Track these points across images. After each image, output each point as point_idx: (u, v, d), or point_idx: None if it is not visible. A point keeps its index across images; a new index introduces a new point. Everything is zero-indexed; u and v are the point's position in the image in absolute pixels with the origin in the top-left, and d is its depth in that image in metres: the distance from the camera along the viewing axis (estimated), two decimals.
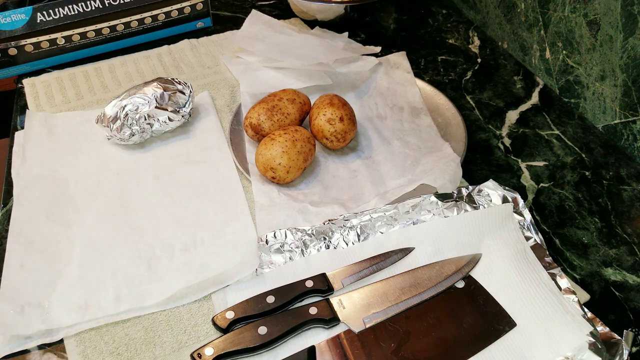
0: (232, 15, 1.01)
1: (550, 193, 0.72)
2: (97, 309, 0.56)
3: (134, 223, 0.64)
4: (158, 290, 0.57)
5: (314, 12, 0.94)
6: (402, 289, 0.57)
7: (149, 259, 0.60)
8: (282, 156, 0.66)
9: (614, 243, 0.66)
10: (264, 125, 0.71)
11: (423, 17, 1.04)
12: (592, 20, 0.76)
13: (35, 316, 0.54)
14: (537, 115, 0.83)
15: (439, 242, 0.61)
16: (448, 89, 0.88)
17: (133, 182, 0.69)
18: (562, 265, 0.63)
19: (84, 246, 0.61)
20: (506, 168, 0.75)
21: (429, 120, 0.79)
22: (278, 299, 0.55)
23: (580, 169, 0.75)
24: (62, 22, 0.83)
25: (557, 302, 0.55)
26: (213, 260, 0.60)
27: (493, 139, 0.79)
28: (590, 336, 0.52)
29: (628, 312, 0.59)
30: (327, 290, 0.57)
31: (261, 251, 0.60)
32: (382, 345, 0.53)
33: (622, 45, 0.72)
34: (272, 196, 0.67)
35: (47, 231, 0.62)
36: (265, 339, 0.51)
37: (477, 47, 0.97)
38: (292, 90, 0.75)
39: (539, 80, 0.89)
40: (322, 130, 0.71)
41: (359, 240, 0.62)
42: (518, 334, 0.54)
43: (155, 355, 0.53)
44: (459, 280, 0.58)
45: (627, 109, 0.74)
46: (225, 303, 0.56)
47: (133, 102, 0.70)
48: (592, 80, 0.79)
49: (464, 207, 0.63)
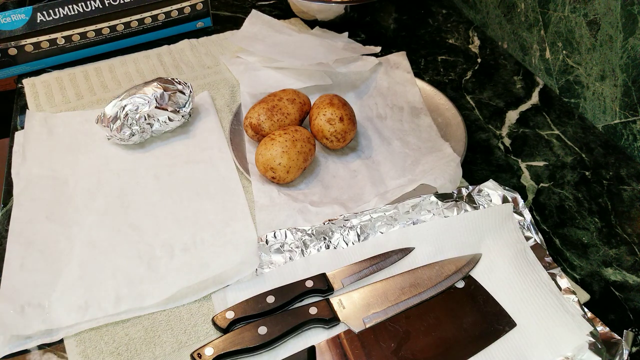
0: (232, 15, 1.01)
1: (550, 193, 0.72)
2: (97, 309, 0.56)
3: (134, 223, 0.64)
4: (158, 290, 0.57)
5: (314, 12, 0.94)
6: (402, 289, 0.57)
7: (149, 259, 0.60)
8: (282, 156, 0.66)
9: (614, 243, 0.66)
10: (264, 125, 0.71)
11: (423, 17, 1.04)
12: (592, 20, 0.76)
13: (35, 316, 0.54)
14: (537, 115, 0.83)
15: (439, 242, 0.61)
16: (448, 89, 0.88)
17: (133, 182, 0.69)
18: (562, 265, 0.63)
19: (84, 246, 0.61)
20: (506, 168, 0.75)
21: (429, 120, 0.79)
22: (278, 299, 0.55)
23: (580, 169, 0.75)
24: (62, 22, 0.83)
25: (557, 302, 0.55)
26: (213, 260, 0.60)
27: (493, 139, 0.79)
28: (590, 336, 0.52)
29: (628, 312, 0.59)
30: (327, 290, 0.57)
31: (261, 251, 0.60)
32: (382, 345, 0.53)
33: (622, 45, 0.72)
34: (272, 196, 0.67)
35: (47, 231, 0.62)
36: (265, 339, 0.51)
37: (477, 47, 0.97)
38: (292, 90, 0.75)
39: (539, 80, 0.89)
40: (322, 130, 0.71)
41: (359, 240, 0.62)
42: (518, 334, 0.54)
43: (155, 355, 0.53)
44: (459, 280, 0.58)
45: (627, 109, 0.74)
46: (225, 303, 0.57)
47: (133, 102, 0.70)
48: (592, 80, 0.79)
49: (464, 207, 0.63)
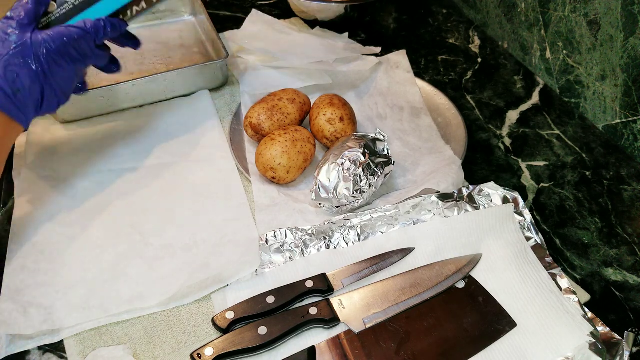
0: (232, 15, 1.01)
1: (551, 193, 0.72)
2: (98, 309, 0.56)
3: (135, 223, 0.64)
4: (159, 290, 0.57)
5: (314, 12, 0.94)
6: (403, 289, 0.57)
7: (150, 259, 0.60)
8: (282, 156, 0.66)
9: (615, 243, 0.66)
10: (264, 125, 0.71)
11: (423, 16, 1.04)
12: (592, 20, 0.76)
13: (37, 316, 0.54)
14: (538, 115, 0.83)
15: (440, 242, 0.61)
16: (448, 88, 0.88)
17: (134, 181, 0.69)
18: (563, 265, 0.63)
19: (85, 246, 0.61)
20: (507, 168, 0.75)
21: (429, 120, 0.79)
22: (278, 299, 0.55)
23: (581, 169, 0.75)
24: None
25: (557, 302, 0.55)
26: (214, 260, 0.60)
27: (493, 138, 0.79)
28: (591, 336, 0.52)
29: (628, 312, 0.59)
30: (327, 290, 0.57)
31: (261, 251, 0.60)
32: (383, 345, 0.53)
33: (622, 45, 0.72)
34: (272, 196, 0.67)
35: (48, 231, 0.62)
36: (265, 339, 0.51)
37: (477, 47, 0.97)
38: (292, 90, 0.75)
39: (540, 80, 0.89)
40: (322, 130, 0.71)
41: (359, 240, 0.62)
42: (518, 334, 0.54)
43: (155, 355, 0.53)
44: (459, 280, 0.58)
45: (628, 109, 0.74)
46: (225, 303, 0.56)
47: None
48: (592, 80, 0.79)
49: (465, 207, 0.63)
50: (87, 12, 0.59)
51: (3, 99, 0.53)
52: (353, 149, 0.63)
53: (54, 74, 0.56)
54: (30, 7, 0.55)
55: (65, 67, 0.56)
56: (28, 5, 0.55)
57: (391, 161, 0.65)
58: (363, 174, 0.62)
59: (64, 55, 0.56)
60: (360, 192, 0.62)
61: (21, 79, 0.53)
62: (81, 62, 0.58)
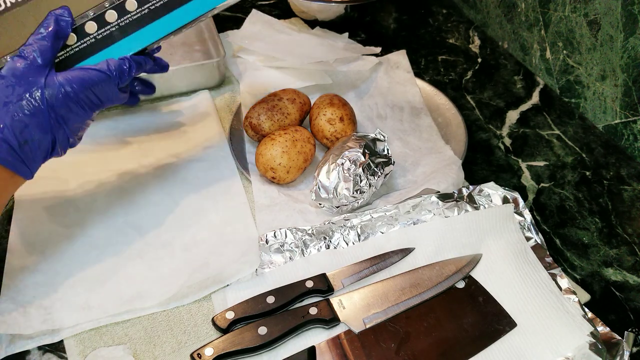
0: (232, 15, 1.01)
1: (551, 193, 0.72)
2: (98, 309, 0.56)
3: (135, 223, 0.64)
4: (159, 290, 0.57)
5: (314, 12, 0.94)
6: (403, 289, 0.57)
7: (150, 259, 0.60)
8: (282, 156, 0.66)
9: (615, 243, 0.66)
10: (264, 125, 0.71)
11: (423, 16, 1.04)
12: (592, 20, 0.76)
13: (37, 316, 0.54)
14: (538, 115, 0.83)
15: (440, 242, 0.61)
16: (448, 88, 0.88)
17: (133, 181, 0.69)
18: (563, 265, 0.63)
19: (85, 246, 0.61)
20: (507, 168, 0.75)
21: (429, 120, 0.79)
22: (278, 299, 0.55)
23: (581, 169, 0.75)
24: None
25: (557, 302, 0.55)
26: (214, 260, 0.60)
27: (493, 138, 0.79)
28: (591, 336, 0.52)
29: (629, 312, 0.59)
30: (327, 290, 0.57)
31: (261, 251, 0.60)
32: (383, 345, 0.53)
33: (622, 45, 0.72)
34: (272, 196, 0.67)
35: (48, 231, 0.62)
36: (265, 339, 0.51)
37: (477, 47, 0.97)
38: (292, 90, 0.75)
39: (540, 80, 0.89)
40: (322, 130, 0.71)
41: (359, 240, 0.62)
42: (518, 335, 0.53)
43: (155, 355, 0.53)
44: (459, 280, 0.58)
45: (628, 109, 0.74)
46: (225, 303, 0.56)
47: None
48: (592, 80, 0.79)
49: (465, 207, 0.63)
50: (110, 49, 0.52)
51: (5, 153, 0.46)
52: (353, 149, 0.63)
53: (68, 122, 0.49)
54: (47, 44, 0.48)
55: (81, 114, 0.50)
56: (44, 42, 0.47)
57: (391, 161, 0.65)
58: (363, 174, 0.62)
59: (82, 101, 0.49)
60: (360, 192, 0.62)
61: (30, 130, 0.47)
62: (101, 106, 0.52)
